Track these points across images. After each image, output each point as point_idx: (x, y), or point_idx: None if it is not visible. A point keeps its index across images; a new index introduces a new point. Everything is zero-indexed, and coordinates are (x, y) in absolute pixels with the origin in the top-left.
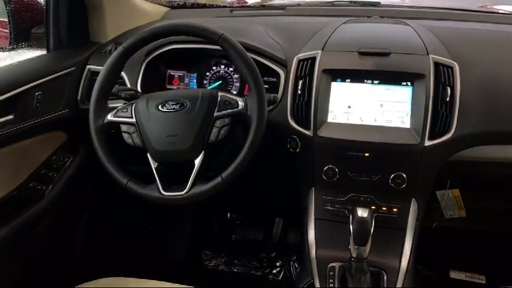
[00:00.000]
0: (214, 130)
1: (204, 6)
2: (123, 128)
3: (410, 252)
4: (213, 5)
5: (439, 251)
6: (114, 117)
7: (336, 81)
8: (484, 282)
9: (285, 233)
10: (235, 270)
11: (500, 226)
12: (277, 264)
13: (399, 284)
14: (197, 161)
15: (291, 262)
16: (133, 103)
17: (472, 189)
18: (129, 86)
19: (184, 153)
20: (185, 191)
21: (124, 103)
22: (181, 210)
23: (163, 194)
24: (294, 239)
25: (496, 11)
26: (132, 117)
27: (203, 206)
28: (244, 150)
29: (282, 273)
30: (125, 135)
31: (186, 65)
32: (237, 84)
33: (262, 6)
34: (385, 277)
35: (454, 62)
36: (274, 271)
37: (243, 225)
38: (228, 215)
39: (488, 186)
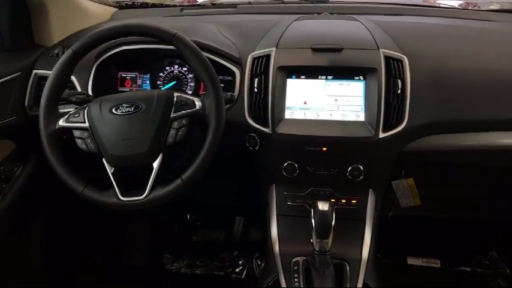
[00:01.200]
0: (172, 131)
1: (153, 5)
2: (76, 133)
3: (371, 242)
4: (162, 4)
5: (396, 239)
6: (66, 122)
7: (291, 78)
8: (439, 266)
9: (246, 231)
10: (197, 272)
11: (453, 212)
12: (240, 262)
13: (361, 273)
14: (156, 164)
15: (254, 260)
16: (85, 107)
17: (425, 178)
18: (79, 89)
19: (141, 156)
20: (144, 195)
21: (75, 108)
22: (140, 214)
23: (121, 200)
24: (255, 237)
25: (438, 5)
26: (85, 122)
27: (162, 209)
28: (204, 150)
29: (245, 272)
30: (78, 141)
31: (138, 66)
32: (192, 84)
33: (213, 5)
34: (348, 268)
35: (404, 56)
36: (237, 270)
37: (204, 226)
38: (188, 217)
39: (440, 174)
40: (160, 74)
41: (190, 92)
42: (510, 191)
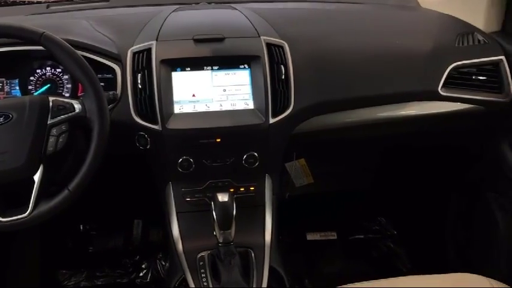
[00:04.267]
0: (51, 140)
1: (14, 3)
2: None
3: (272, 225)
4: (24, 1)
5: (295, 218)
6: None
7: (176, 71)
8: (335, 237)
9: (146, 233)
10: (99, 283)
11: (343, 185)
12: (143, 266)
13: (266, 258)
14: (36, 177)
15: (157, 261)
16: None
17: (315, 157)
18: None
19: (18, 170)
20: (28, 212)
21: None
22: (26, 232)
23: (1, 221)
24: (156, 238)
25: None
26: None
27: (50, 223)
28: (90, 156)
29: (149, 275)
30: None
31: (4, 71)
32: (69, 86)
33: (82, 0)
34: (253, 254)
35: (284, 42)
36: (141, 274)
37: (100, 235)
38: (81, 228)
39: (329, 151)
40: (31, 78)
41: (67, 95)
42: (390, 161)
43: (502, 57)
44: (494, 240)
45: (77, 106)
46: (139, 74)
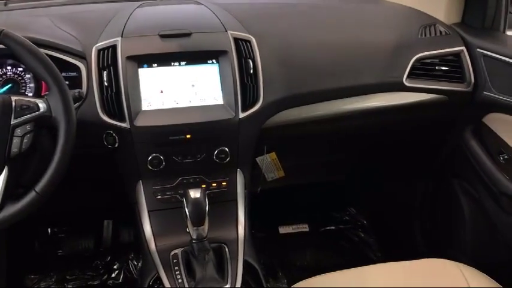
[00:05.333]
0: (16, 140)
1: None
2: None
3: (245, 220)
4: None
5: (267, 211)
6: None
7: (142, 67)
8: (307, 229)
9: (116, 233)
10: (69, 286)
11: (314, 177)
12: (115, 267)
13: (240, 252)
14: (1, 179)
15: (129, 261)
16: None
17: (286, 150)
18: None
19: None
20: None
21: None
22: None
23: None
24: (127, 238)
25: None
26: None
27: (17, 227)
28: (57, 156)
29: (122, 275)
30: None
31: None
32: (32, 85)
33: None
34: (227, 249)
35: (251, 36)
36: (113, 275)
37: (69, 237)
38: (49, 230)
39: (298, 144)
40: None
41: (31, 94)
42: (358, 152)
43: (463, 47)
44: (459, 225)
45: (42, 105)
46: (105, 72)
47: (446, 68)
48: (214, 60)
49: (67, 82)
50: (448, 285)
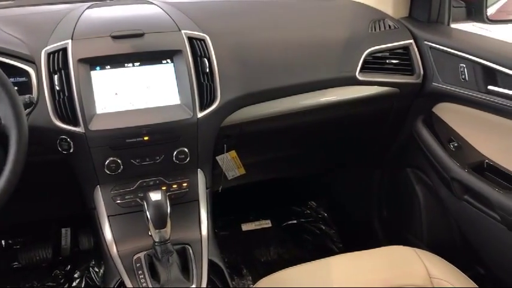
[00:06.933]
0: None
1: None
2: None
3: (207, 220)
4: None
5: (230, 210)
6: None
7: (95, 69)
8: (270, 225)
9: (75, 241)
10: None
11: (274, 173)
12: (76, 275)
13: (204, 252)
14: None
15: (91, 268)
16: None
17: (245, 148)
18: None
19: None
20: None
21: None
22: None
23: None
24: (87, 244)
25: None
26: None
27: None
28: (9, 166)
29: (83, 283)
30: None
31: None
32: None
33: None
34: (191, 250)
35: (205, 35)
36: (74, 284)
37: (25, 249)
38: (3, 243)
39: (257, 141)
40: None
41: None
42: (316, 146)
43: (411, 41)
44: (415, 211)
45: None
46: (56, 75)
47: (397, 61)
48: (169, 60)
49: (16, 88)
50: (407, 271)
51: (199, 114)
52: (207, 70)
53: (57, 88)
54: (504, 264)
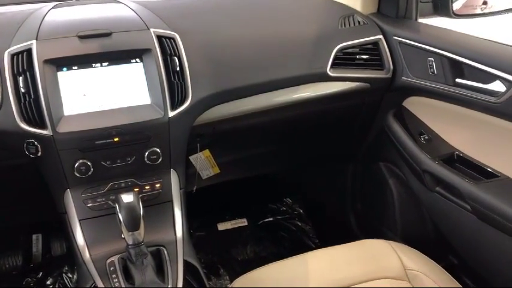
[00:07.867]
0: None
1: None
2: None
3: (182, 220)
4: None
5: (205, 210)
6: None
7: (61, 70)
8: (246, 224)
9: (47, 247)
10: None
11: (249, 171)
12: (48, 282)
13: (179, 253)
14: None
15: (63, 274)
16: None
17: (218, 146)
18: None
19: None
20: None
21: None
22: None
23: None
24: (59, 250)
25: None
26: None
27: None
28: None
29: None
30: None
31: None
32: None
33: None
34: (166, 251)
35: (175, 33)
36: None
37: None
38: None
39: (230, 139)
40: None
41: None
42: (291, 144)
43: (380, 36)
44: (389, 205)
45: None
46: (20, 77)
47: (367, 57)
48: (138, 59)
49: None
50: (383, 264)
51: (171, 114)
52: (177, 69)
53: (23, 90)
54: (476, 254)
